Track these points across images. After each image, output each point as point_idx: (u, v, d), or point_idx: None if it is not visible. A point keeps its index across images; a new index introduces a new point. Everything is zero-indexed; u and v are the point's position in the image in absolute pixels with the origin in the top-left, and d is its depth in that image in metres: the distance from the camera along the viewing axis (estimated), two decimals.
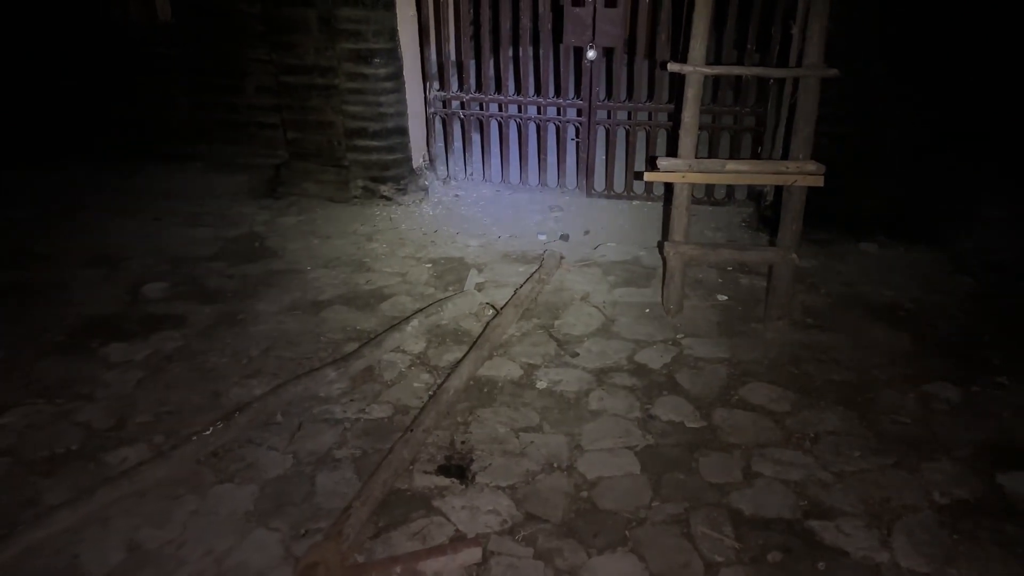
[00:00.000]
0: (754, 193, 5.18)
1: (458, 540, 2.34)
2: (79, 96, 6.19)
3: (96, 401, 3.08)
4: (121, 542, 2.34)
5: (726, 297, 3.97)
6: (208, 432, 2.74)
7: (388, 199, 5.27)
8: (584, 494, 2.58)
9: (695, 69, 3.47)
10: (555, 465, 2.71)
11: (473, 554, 2.25)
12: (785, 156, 3.70)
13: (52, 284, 4.10)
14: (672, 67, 3.53)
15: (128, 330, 3.62)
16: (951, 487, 2.59)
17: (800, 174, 3.44)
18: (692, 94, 3.50)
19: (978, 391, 3.13)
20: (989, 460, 2.72)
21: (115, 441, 2.83)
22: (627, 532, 2.41)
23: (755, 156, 5.00)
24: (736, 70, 3.95)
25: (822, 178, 3.44)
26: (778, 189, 4.78)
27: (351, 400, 3.08)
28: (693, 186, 3.66)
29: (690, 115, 3.53)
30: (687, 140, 3.55)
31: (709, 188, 5.18)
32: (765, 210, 5.01)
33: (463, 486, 2.60)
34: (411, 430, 2.73)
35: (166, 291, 4.03)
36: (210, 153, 5.99)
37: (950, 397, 3.09)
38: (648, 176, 3.64)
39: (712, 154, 5.03)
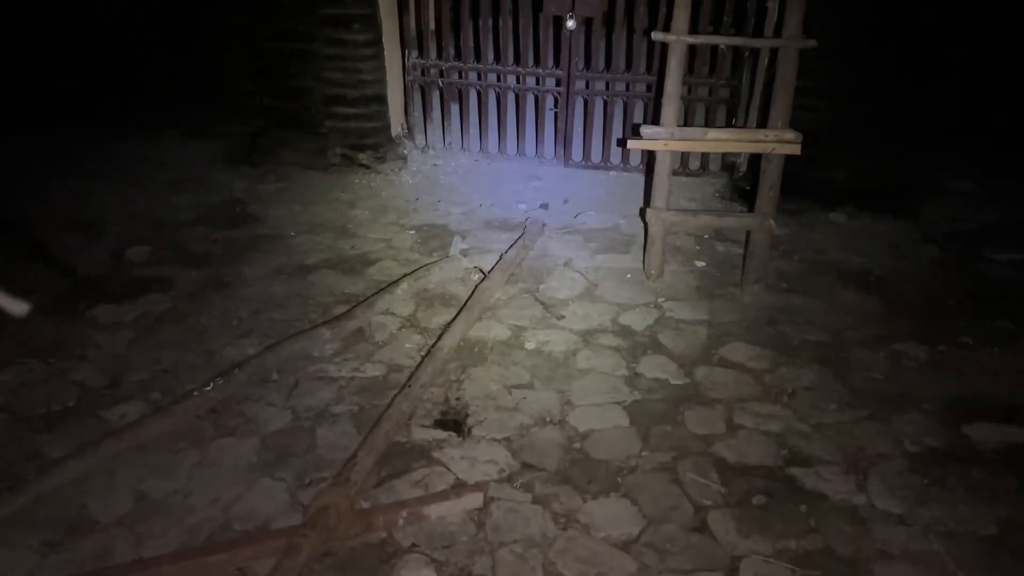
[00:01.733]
0: (728, 164, 5.30)
1: (460, 486, 2.43)
2: (53, 62, 6.06)
3: (89, 361, 3.10)
4: (128, 492, 2.39)
5: (704, 263, 4.10)
6: (208, 387, 2.79)
7: (367, 167, 5.29)
8: (577, 445, 2.68)
9: (679, 38, 3.55)
10: (547, 419, 2.81)
11: (475, 499, 2.35)
12: (760, 127, 3.81)
13: (36, 247, 4.07)
14: (657, 36, 3.62)
15: (115, 293, 3.63)
16: (921, 437, 2.75)
17: (779, 142, 3.56)
18: (675, 63, 3.59)
19: (945, 350, 3.30)
20: (956, 413, 2.88)
21: (112, 398, 2.86)
22: (619, 479, 2.52)
23: (729, 127, 5.12)
24: (719, 40, 4.06)
25: (799, 146, 3.56)
26: (752, 160, 4.91)
27: (344, 360, 3.14)
28: (672, 155, 3.76)
29: (673, 84, 3.61)
30: (669, 109, 3.65)
31: (684, 159, 5.28)
32: (738, 181, 5.14)
33: (460, 439, 2.68)
34: (409, 386, 2.80)
35: (150, 255, 4.03)
36: (187, 120, 5.92)
37: (919, 356, 3.26)
38: (631, 144, 3.74)
39: (687, 125, 5.12)
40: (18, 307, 2.40)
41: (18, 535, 2.21)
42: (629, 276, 3.93)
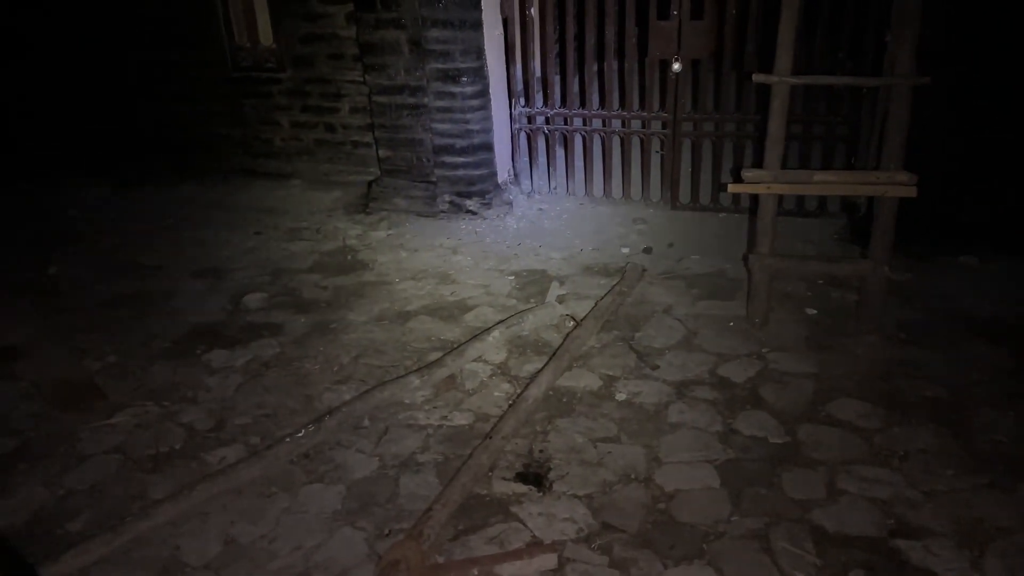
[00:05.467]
0: (847, 205, 5.03)
1: (534, 545, 2.38)
2: (190, 119, 6.61)
3: (199, 403, 3.28)
4: (218, 536, 2.50)
5: (815, 311, 3.88)
6: (300, 434, 2.89)
7: (473, 213, 5.39)
8: (661, 506, 2.57)
9: (781, 79, 3.43)
10: (632, 476, 2.72)
11: (549, 560, 2.29)
12: (879, 166, 3.60)
13: (162, 294, 4.39)
14: (757, 78, 3.50)
15: (230, 337, 3.84)
16: None
17: (890, 184, 3.35)
18: (778, 104, 3.46)
19: None
20: None
21: (215, 441, 3.01)
22: (704, 545, 2.40)
23: (849, 166, 4.87)
24: (822, 79, 3.89)
25: (914, 188, 3.33)
26: (872, 200, 4.64)
27: (434, 407, 3.18)
28: (783, 197, 3.60)
29: (776, 126, 3.48)
30: (773, 151, 3.51)
31: (800, 200, 5.06)
32: (859, 222, 4.86)
33: (540, 493, 2.64)
34: (490, 437, 2.79)
35: (265, 301, 4.25)
36: (308, 171, 6.28)
37: None
38: (732, 188, 3.62)
39: (804, 164, 4.92)
40: None
41: (113, 575, 2.34)
42: (732, 324, 3.78)
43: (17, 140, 6.93)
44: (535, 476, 2.72)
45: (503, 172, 5.62)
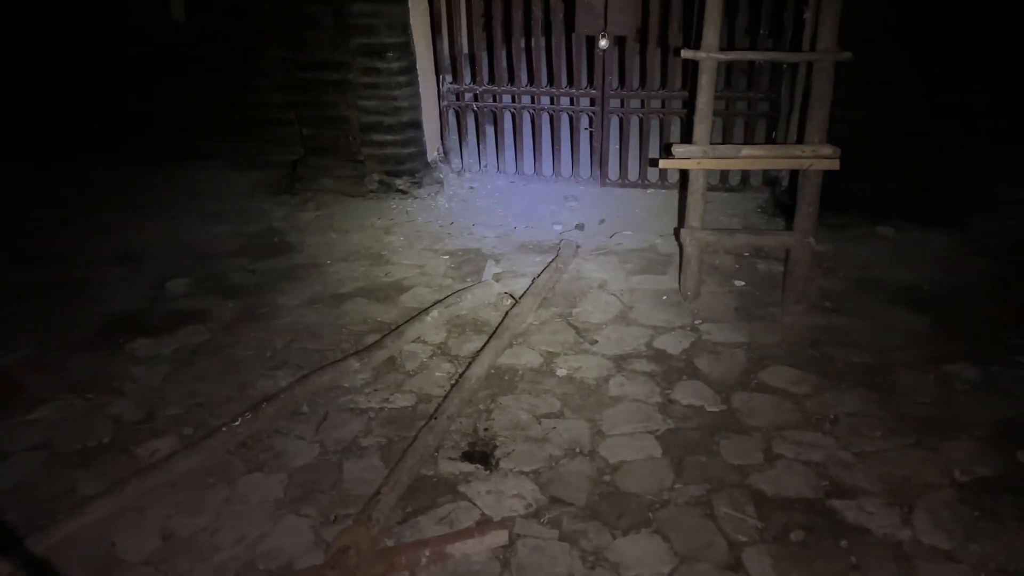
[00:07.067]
0: (769, 179, 5.17)
1: (484, 523, 2.38)
2: (97, 97, 6.27)
3: (126, 395, 3.15)
4: (156, 530, 2.41)
5: (743, 283, 3.99)
6: (237, 423, 2.80)
7: (404, 192, 5.31)
8: (607, 478, 2.61)
9: (708, 55, 3.48)
10: (577, 450, 2.75)
11: (500, 536, 2.30)
12: (800, 141, 3.71)
13: (78, 282, 4.18)
14: (686, 54, 3.54)
15: (154, 326, 3.69)
16: (971, 465, 2.61)
17: (815, 158, 3.45)
18: (706, 80, 3.51)
19: (998, 371, 3.14)
20: (1009, 438, 2.73)
21: (146, 433, 2.89)
22: (650, 514, 2.45)
23: (769, 141, 5.00)
24: (749, 55, 3.97)
25: (837, 161, 3.44)
26: (793, 174, 4.77)
27: (375, 390, 3.13)
28: (708, 172, 3.67)
29: (704, 101, 3.54)
30: (701, 126, 3.57)
31: (724, 174, 5.18)
32: (781, 195, 5.01)
33: (487, 472, 2.64)
34: (435, 418, 2.78)
35: (189, 287, 4.09)
36: (227, 151, 6.05)
37: (970, 377, 3.10)
38: (663, 163, 3.67)
39: (726, 140, 5.03)
40: None
41: None
42: (665, 298, 3.85)
43: None
44: (481, 454, 2.72)
45: (432, 150, 5.55)
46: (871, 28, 4.33)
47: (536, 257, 4.30)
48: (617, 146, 5.31)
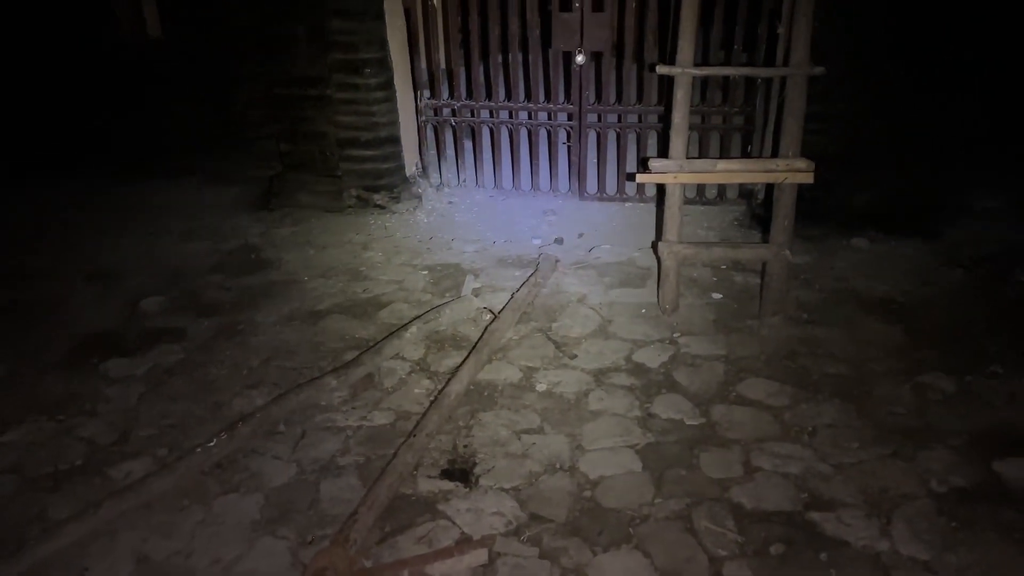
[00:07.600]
0: (745, 192, 5.22)
1: (464, 542, 2.36)
2: (71, 113, 6.21)
3: (98, 416, 3.09)
4: (129, 554, 2.36)
5: (721, 295, 4.00)
6: (212, 443, 2.76)
7: (382, 208, 5.29)
8: (587, 493, 2.60)
9: (683, 71, 3.51)
10: (557, 466, 2.74)
11: (479, 555, 2.27)
12: (775, 154, 3.74)
13: (50, 300, 4.12)
14: (661, 69, 3.57)
15: (128, 345, 3.64)
16: (948, 475, 2.62)
17: (790, 171, 3.48)
18: (681, 95, 3.54)
19: (972, 381, 3.17)
20: (985, 448, 2.75)
21: (119, 455, 2.84)
22: (631, 529, 2.44)
23: (745, 155, 5.05)
24: (724, 70, 4.01)
25: (812, 175, 3.48)
26: (769, 187, 4.81)
27: (352, 408, 3.10)
28: (685, 186, 3.70)
29: (680, 116, 3.56)
30: (678, 141, 3.59)
31: (700, 188, 5.22)
32: (757, 208, 5.06)
33: (467, 489, 2.62)
34: (414, 435, 2.75)
35: (164, 305, 4.04)
36: (204, 167, 6.01)
37: (945, 387, 3.13)
38: (640, 178, 3.68)
39: (702, 154, 5.07)
40: None
41: None
42: (644, 311, 3.86)
43: None
44: (461, 472, 2.70)
45: (411, 165, 5.54)
46: (846, 40, 4.39)
47: (515, 272, 4.29)
48: (595, 160, 5.34)
